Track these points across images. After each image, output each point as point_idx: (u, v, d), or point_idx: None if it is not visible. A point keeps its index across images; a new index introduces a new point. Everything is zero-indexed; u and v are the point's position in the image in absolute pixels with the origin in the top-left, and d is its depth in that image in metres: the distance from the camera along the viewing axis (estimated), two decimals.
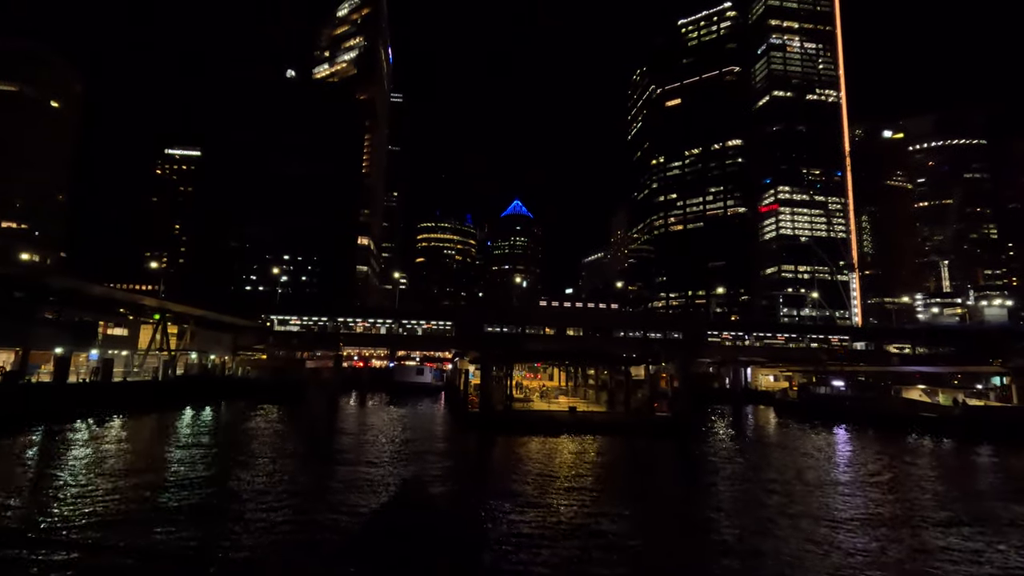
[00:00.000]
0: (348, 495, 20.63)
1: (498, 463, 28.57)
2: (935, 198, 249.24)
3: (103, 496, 18.85)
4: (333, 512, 18.17)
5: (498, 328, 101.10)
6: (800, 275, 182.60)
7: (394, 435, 36.61)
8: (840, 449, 36.46)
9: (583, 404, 45.44)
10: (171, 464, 25.14)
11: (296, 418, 43.77)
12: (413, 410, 53.02)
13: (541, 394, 49.95)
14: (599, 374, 47.29)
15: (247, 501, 19.26)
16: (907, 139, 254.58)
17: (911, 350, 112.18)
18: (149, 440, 31.71)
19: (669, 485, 26.14)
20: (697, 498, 22.82)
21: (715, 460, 31.08)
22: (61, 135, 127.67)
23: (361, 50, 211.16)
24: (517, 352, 52.06)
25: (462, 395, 45.56)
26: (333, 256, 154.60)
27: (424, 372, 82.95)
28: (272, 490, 20.97)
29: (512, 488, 22.12)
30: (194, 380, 55.70)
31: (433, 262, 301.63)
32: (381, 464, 27.03)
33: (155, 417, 39.85)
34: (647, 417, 39.92)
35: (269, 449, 29.92)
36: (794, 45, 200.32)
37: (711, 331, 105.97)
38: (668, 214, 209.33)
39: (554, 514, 18.54)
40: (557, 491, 21.83)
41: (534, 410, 42.20)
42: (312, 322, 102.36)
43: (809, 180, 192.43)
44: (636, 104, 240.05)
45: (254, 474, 23.96)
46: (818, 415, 50.45)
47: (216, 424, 39.26)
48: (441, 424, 44.06)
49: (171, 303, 52.18)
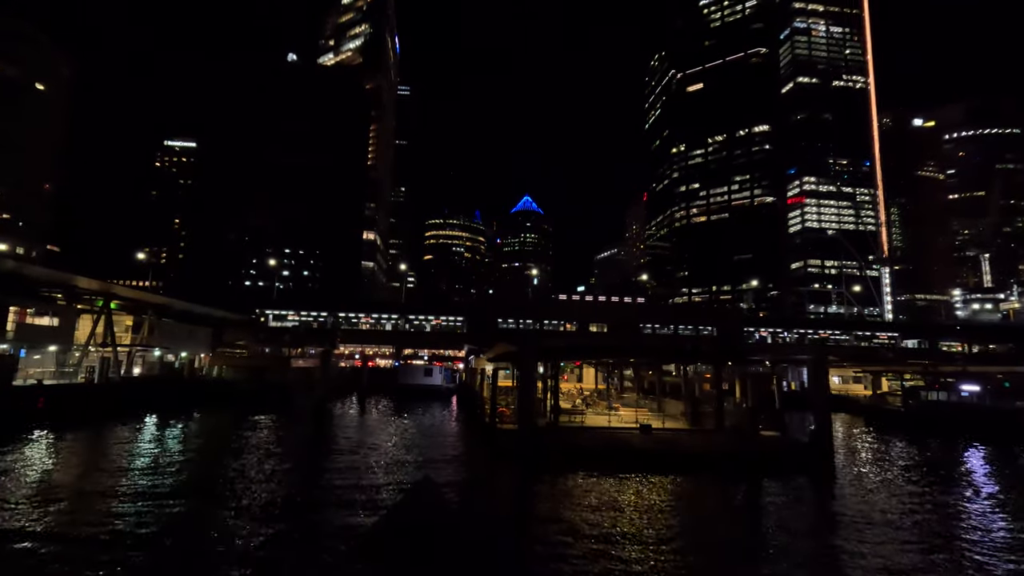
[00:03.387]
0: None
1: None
2: (967, 190, 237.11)
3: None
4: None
5: (513, 324, 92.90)
6: (827, 270, 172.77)
7: (388, 479, 23.63)
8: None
9: (654, 418, 32.42)
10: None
11: (244, 437, 32.94)
12: (419, 422, 42.38)
13: (587, 402, 37.91)
14: (646, 376, 37.82)
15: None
16: (938, 128, 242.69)
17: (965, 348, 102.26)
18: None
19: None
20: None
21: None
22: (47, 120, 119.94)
23: (367, 38, 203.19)
24: (572, 347, 39.66)
25: (480, 403, 35.71)
26: (337, 251, 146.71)
27: (433, 373, 72.49)
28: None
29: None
30: (143, 385, 44.83)
31: (441, 260, 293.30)
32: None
33: (62, 440, 28.93)
34: (754, 440, 27.52)
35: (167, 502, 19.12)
36: (819, 29, 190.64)
37: (747, 327, 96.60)
38: (690, 205, 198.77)
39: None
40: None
41: (590, 427, 30.40)
42: (311, 317, 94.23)
43: (836, 170, 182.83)
44: (654, 91, 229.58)
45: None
46: (935, 429, 39.59)
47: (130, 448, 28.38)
48: (456, 445, 32.51)
49: (119, 287, 42.66)
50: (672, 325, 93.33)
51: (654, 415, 34.14)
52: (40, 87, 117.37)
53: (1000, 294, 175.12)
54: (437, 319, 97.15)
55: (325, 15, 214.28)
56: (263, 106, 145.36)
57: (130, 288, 42.63)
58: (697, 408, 31.48)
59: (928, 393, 41.76)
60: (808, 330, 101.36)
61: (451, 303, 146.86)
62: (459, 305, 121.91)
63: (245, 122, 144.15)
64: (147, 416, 38.18)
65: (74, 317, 41.97)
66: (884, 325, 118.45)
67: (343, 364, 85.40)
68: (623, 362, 39.12)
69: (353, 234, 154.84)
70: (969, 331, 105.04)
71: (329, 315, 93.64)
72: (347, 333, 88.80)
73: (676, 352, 33.66)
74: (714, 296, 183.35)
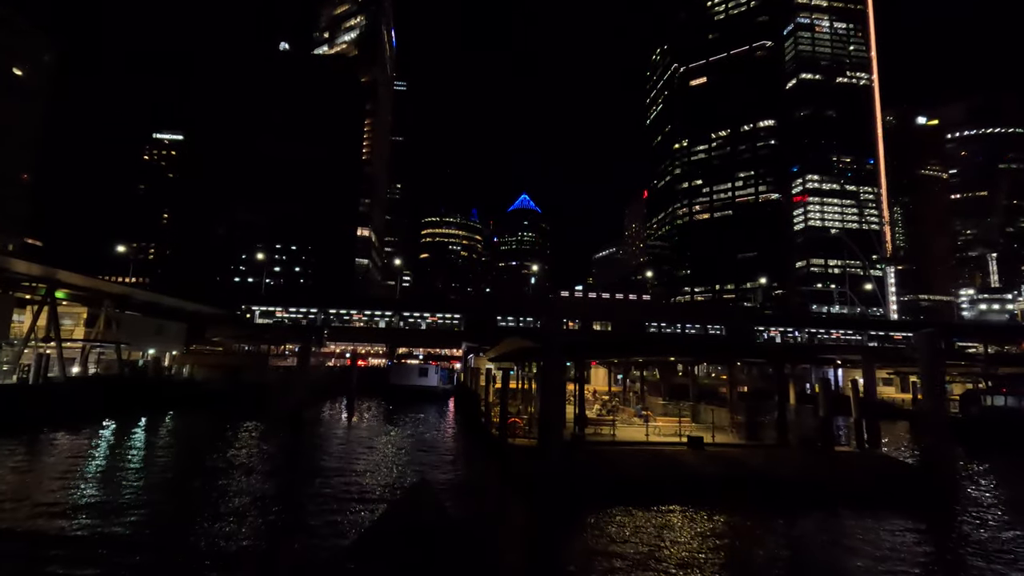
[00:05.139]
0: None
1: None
2: (969, 190, 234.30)
3: None
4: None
5: (513, 322, 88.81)
6: (830, 269, 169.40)
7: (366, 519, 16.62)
8: None
9: (697, 429, 26.28)
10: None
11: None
12: (413, 432, 35.82)
13: (608, 409, 31.75)
14: (670, 377, 33.18)
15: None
16: (940, 127, 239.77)
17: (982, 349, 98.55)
18: None
19: None
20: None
21: None
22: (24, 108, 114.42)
23: (362, 30, 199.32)
24: (605, 343, 33.40)
25: (484, 410, 30.31)
26: (330, 247, 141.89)
27: (429, 373, 66.99)
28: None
29: None
30: (91, 386, 38.06)
31: (438, 258, 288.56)
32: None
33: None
34: (830, 458, 22.11)
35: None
36: (823, 25, 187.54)
37: (757, 326, 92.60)
38: (693, 202, 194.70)
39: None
40: None
41: (622, 442, 23.84)
42: (301, 314, 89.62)
43: (839, 168, 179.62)
44: (656, 86, 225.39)
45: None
46: (1008, 440, 34.07)
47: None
48: (456, 465, 25.92)
49: (66, 273, 36.85)
50: (679, 324, 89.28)
51: (698, 426, 27.86)
52: (17, 72, 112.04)
53: (1007, 294, 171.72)
54: (433, 316, 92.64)
55: (320, 6, 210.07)
56: (254, 95, 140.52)
57: (82, 275, 37.36)
58: (754, 417, 24.84)
59: (991, 398, 37.03)
60: (819, 329, 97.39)
61: (448, 301, 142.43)
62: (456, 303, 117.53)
63: (235, 112, 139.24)
64: (84, 423, 32.03)
65: (9, 307, 36.37)
66: (898, 324, 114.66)
67: (333, 363, 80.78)
68: (651, 362, 34.01)
69: (347, 230, 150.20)
70: (984, 331, 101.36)
71: (319, 312, 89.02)
72: (338, 331, 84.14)
73: (732, 349, 28.99)
74: (717, 295, 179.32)
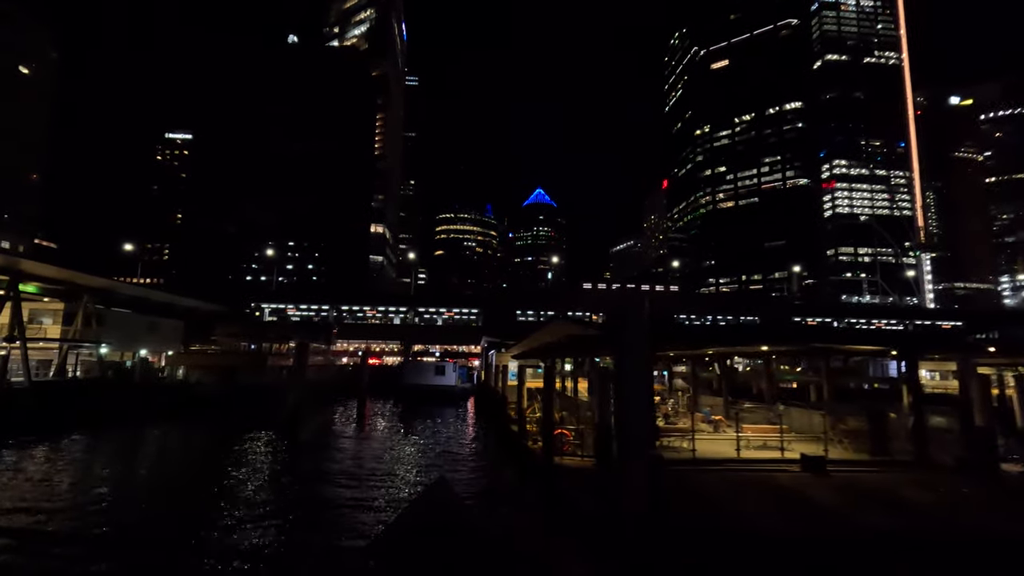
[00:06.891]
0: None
1: None
2: (1005, 172, 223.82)
3: None
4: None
5: (532, 315, 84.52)
6: (860, 258, 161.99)
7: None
8: None
9: (800, 442, 19.20)
10: None
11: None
12: (429, 443, 30.35)
13: (664, 413, 25.12)
14: (731, 373, 27.96)
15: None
16: (975, 106, 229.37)
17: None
18: None
19: None
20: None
21: None
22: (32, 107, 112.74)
23: (372, 23, 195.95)
24: (702, 329, 23.58)
25: (516, 418, 23.97)
26: (343, 243, 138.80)
27: (446, 371, 61.85)
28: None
29: None
30: (59, 391, 33.26)
31: (453, 254, 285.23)
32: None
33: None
34: (999, 483, 15.38)
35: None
36: (849, 3, 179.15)
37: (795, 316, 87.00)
38: (716, 190, 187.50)
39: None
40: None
41: (705, 460, 17.30)
42: (312, 311, 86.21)
43: (868, 152, 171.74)
44: (675, 71, 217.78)
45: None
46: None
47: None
48: (481, 492, 19.98)
49: (31, 262, 32.74)
50: (710, 315, 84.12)
51: (795, 435, 20.45)
52: (23, 71, 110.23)
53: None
54: (449, 311, 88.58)
55: (330, 1, 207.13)
56: (264, 89, 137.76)
57: (54, 266, 33.29)
58: (881, 427, 17.63)
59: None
60: (860, 319, 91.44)
61: (464, 296, 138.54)
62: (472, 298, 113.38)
63: (245, 106, 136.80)
64: (46, 438, 27.74)
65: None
66: (944, 313, 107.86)
67: (347, 361, 77.12)
68: (700, 356, 28.15)
69: (360, 226, 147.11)
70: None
71: (331, 308, 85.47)
72: (350, 327, 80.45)
73: (843, 336, 23.49)
74: (743, 286, 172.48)
